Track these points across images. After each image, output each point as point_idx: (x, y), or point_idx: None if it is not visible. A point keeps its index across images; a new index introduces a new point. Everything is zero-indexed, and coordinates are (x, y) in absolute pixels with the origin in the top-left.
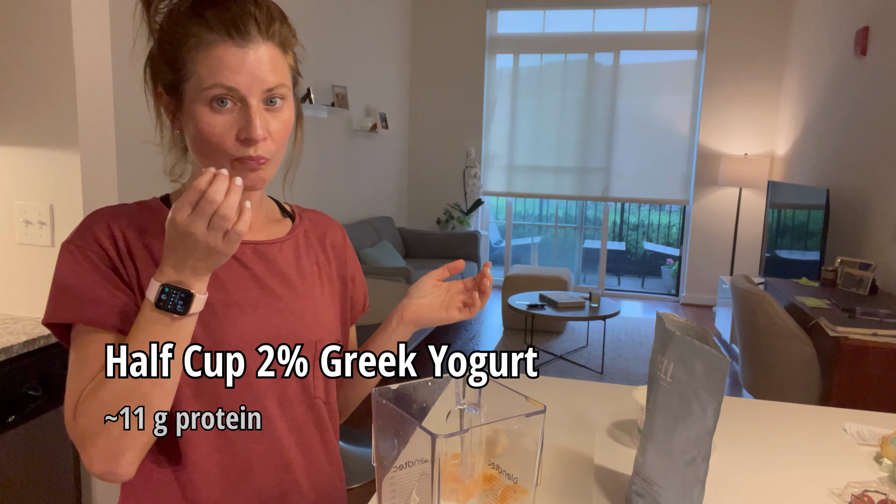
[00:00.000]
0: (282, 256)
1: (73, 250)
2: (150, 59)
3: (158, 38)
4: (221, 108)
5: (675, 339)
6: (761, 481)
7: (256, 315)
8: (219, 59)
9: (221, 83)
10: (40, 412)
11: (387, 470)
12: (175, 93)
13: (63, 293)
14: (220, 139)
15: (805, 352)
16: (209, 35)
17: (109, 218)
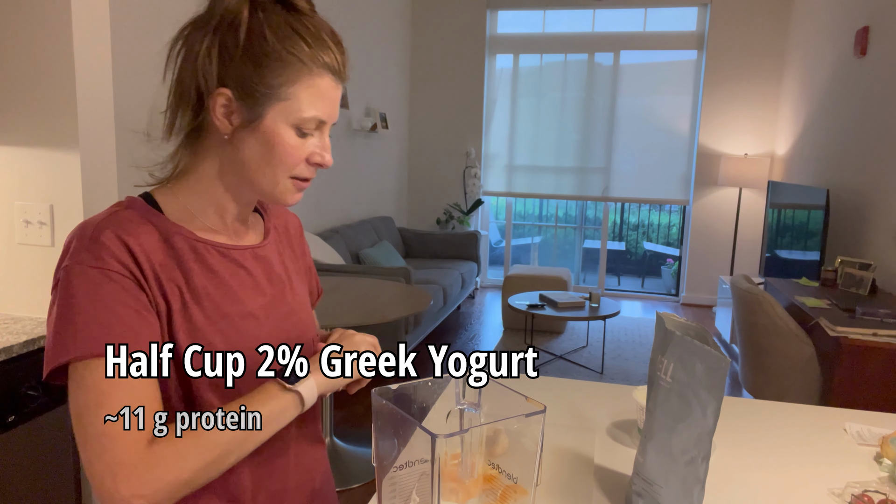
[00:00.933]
0: (272, 257)
1: (91, 273)
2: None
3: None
4: (306, 135)
5: (675, 339)
6: (761, 481)
7: (269, 323)
8: (323, 92)
9: (319, 117)
10: (40, 412)
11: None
12: (253, 104)
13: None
14: (298, 160)
15: (805, 352)
16: (317, 66)
17: (119, 232)
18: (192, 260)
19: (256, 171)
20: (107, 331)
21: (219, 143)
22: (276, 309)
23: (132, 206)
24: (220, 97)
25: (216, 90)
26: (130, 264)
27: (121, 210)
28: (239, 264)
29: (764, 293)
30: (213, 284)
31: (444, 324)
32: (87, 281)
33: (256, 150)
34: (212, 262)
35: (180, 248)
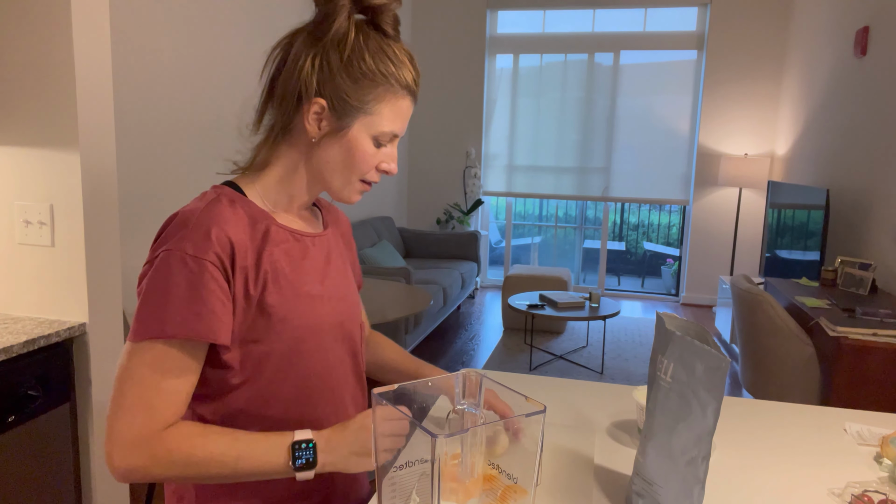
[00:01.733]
0: (332, 246)
1: (189, 261)
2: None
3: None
4: (381, 146)
5: (675, 339)
6: (761, 481)
7: (330, 304)
8: (402, 111)
9: (394, 132)
10: (40, 412)
11: (387, 470)
12: (343, 115)
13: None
14: (370, 166)
15: (805, 352)
16: (401, 87)
17: (223, 224)
18: (273, 243)
19: (334, 172)
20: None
21: (304, 143)
22: (335, 291)
23: (223, 193)
24: (316, 105)
25: (313, 98)
26: (226, 258)
27: (215, 200)
28: (308, 248)
29: (764, 293)
30: (289, 267)
31: (444, 324)
32: (186, 269)
33: (338, 155)
34: (288, 247)
35: (264, 231)
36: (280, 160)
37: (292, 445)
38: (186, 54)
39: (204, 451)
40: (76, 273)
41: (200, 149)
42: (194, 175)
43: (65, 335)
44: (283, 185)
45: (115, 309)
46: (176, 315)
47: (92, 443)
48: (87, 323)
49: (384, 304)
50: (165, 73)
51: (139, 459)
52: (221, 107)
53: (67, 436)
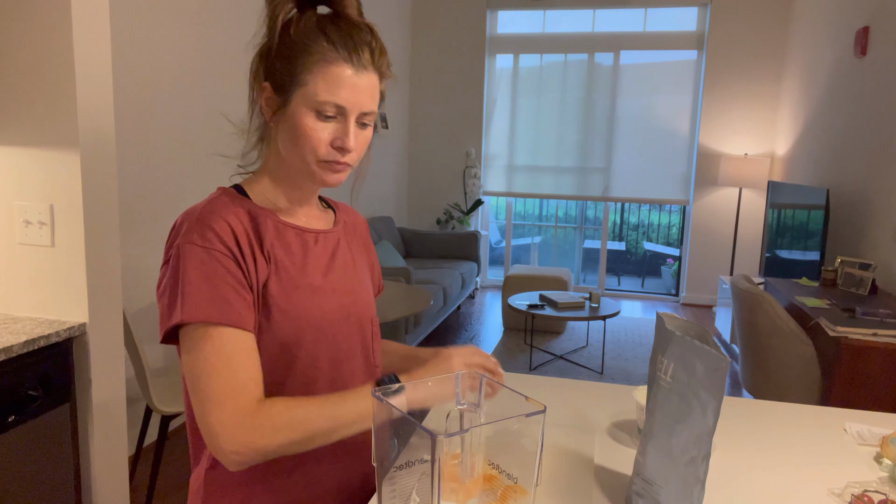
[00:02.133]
0: (339, 243)
1: (198, 251)
2: (265, 55)
3: (282, 40)
4: (326, 119)
5: (675, 339)
6: (761, 481)
7: (335, 298)
8: (336, 76)
9: (334, 101)
10: (40, 412)
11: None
12: (283, 92)
13: (199, 294)
14: (318, 143)
15: (805, 352)
16: (332, 53)
17: (225, 215)
18: (274, 238)
19: (291, 155)
20: (209, 301)
21: (274, 134)
22: (340, 286)
23: (225, 193)
24: (264, 90)
25: (262, 85)
26: (232, 244)
27: (216, 198)
28: (310, 244)
29: (764, 293)
30: (289, 259)
31: (444, 324)
32: (196, 258)
33: (288, 133)
34: (290, 241)
35: (265, 227)
36: (269, 158)
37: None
38: (187, 54)
39: (302, 410)
40: (76, 273)
41: (200, 149)
42: (194, 175)
43: (65, 335)
44: (277, 182)
45: (115, 309)
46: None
47: (92, 443)
48: (87, 323)
49: (384, 304)
50: (165, 73)
51: (245, 436)
52: (222, 107)
53: (67, 436)
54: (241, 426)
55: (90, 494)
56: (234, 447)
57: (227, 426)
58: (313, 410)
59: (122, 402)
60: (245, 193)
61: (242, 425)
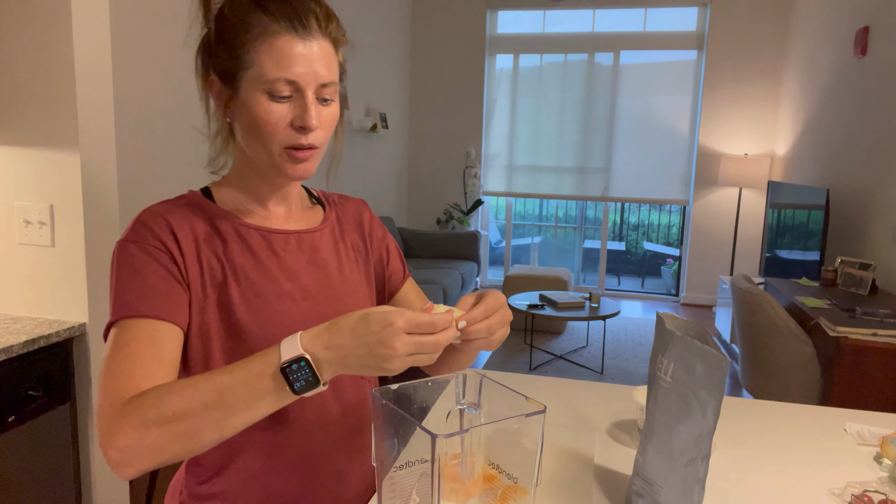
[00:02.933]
0: (322, 244)
1: (131, 247)
2: (205, 46)
3: (217, 25)
4: (280, 99)
5: (675, 339)
6: (761, 481)
7: (306, 304)
8: (282, 50)
9: (284, 77)
10: (40, 412)
11: (387, 470)
12: (230, 80)
13: (131, 290)
14: (276, 126)
15: (805, 352)
16: (273, 26)
17: (165, 214)
18: (234, 241)
19: (252, 147)
20: (137, 297)
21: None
22: (318, 291)
23: (188, 197)
24: (213, 84)
25: (209, 79)
26: (167, 240)
27: (176, 200)
28: (279, 247)
29: (764, 293)
30: (252, 264)
31: None
32: (127, 255)
33: (245, 124)
34: (252, 244)
35: (225, 230)
36: (236, 158)
37: (283, 371)
38: (186, 54)
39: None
40: (76, 273)
41: (200, 148)
42: (194, 175)
43: (65, 335)
44: (244, 182)
45: None
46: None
47: (92, 443)
48: (87, 323)
49: None
50: (165, 72)
51: (115, 432)
52: None
53: (67, 436)
54: (111, 417)
55: (90, 494)
56: (108, 447)
57: (101, 416)
58: (191, 399)
59: None
60: (211, 197)
61: (112, 415)
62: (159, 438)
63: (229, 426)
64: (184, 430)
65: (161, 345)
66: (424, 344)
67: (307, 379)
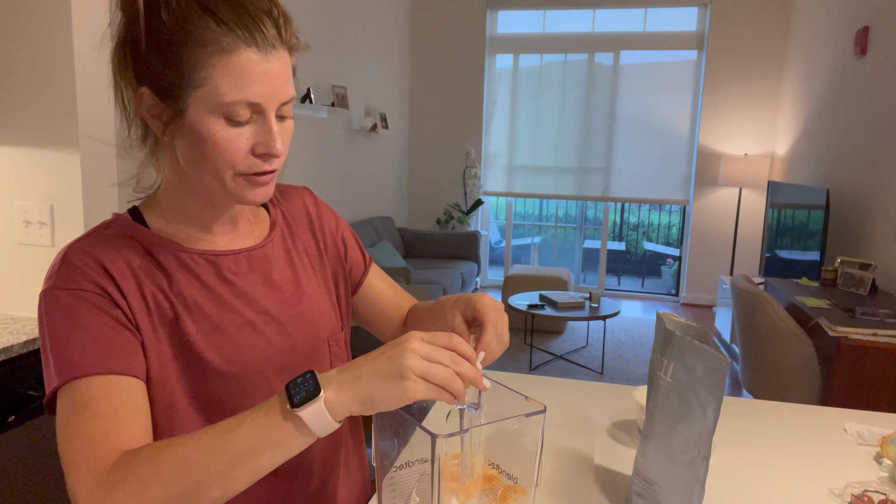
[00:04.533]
0: (275, 256)
1: (62, 295)
2: (131, 51)
3: (151, 28)
4: (240, 123)
5: (675, 339)
6: (761, 481)
7: (270, 330)
8: (241, 68)
9: (245, 99)
10: (40, 412)
11: (387, 470)
12: (171, 98)
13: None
14: (235, 154)
15: (805, 352)
16: (227, 38)
17: (92, 251)
18: (179, 272)
19: (199, 172)
20: (82, 353)
21: (169, 148)
22: (282, 313)
23: (115, 223)
24: (143, 98)
25: (138, 91)
26: (104, 281)
27: (101, 230)
28: (231, 271)
29: (764, 293)
30: (204, 295)
31: None
32: (60, 305)
33: (189, 149)
34: (200, 272)
35: (166, 260)
36: (168, 174)
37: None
38: None
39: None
40: None
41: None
42: None
43: None
44: (179, 202)
45: None
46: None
47: None
48: None
49: None
50: None
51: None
52: None
53: None
54: (96, 489)
55: None
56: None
57: (82, 491)
58: (192, 449)
59: None
60: (142, 219)
61: (98, 488)
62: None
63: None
64: (192, 490)
65: (126, 399)
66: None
67: (308, 390)
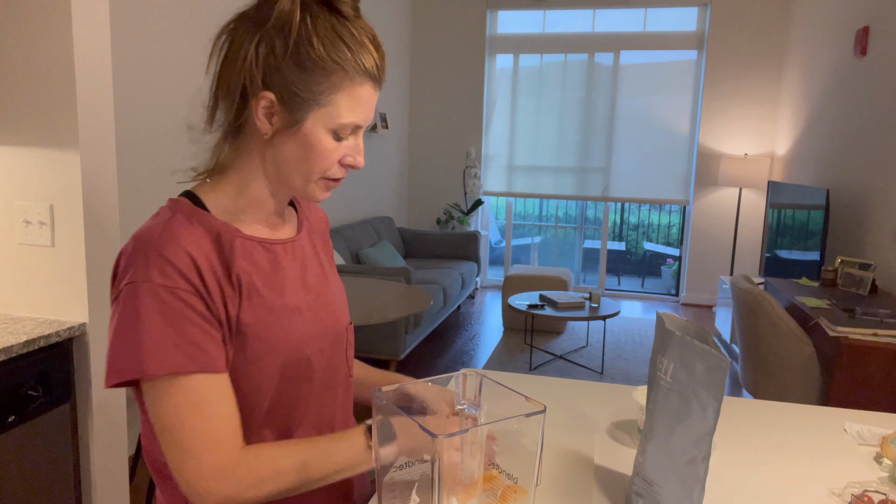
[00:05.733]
0: (307, 250)
1: (159, 290)
2: (266, 59)
3: (300, 52)
4: (342, 139)
5: (675, 339)
6: (761, 481)
7: (310, 315)
8: (360, 98)
9: (355, 122)
10: (40, 412)
11: (387, 470)
12: (294, 108)
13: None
14: (330, 163)
15: (805, 352)
16: (360, 76)
17: (182, 244)
18: (240, 257)
19: (292, 171)
20: (176, 348)
21: (259, 142)
22: (316, 301)
23: (181, 209)
24: (264, 99)
25: (260, 93)
26: (195, 278)
27: (171, 217)
28: (280, 258)
29: (764, 293)
30: (261, 280)
31: (444, 324)
32: (157, 300)
33: (294, 152)
34: (257, 259)
35: (228, 245)
36: (237, 163)
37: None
38: (187, 54)
39: (289, 460)
40: (76, 273)
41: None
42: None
43: (65, 335)
44: (245, 191)
45: None
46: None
47: (92, 443)
48: (87, 323)
49: (384, 304)
50: (165, 73)
51: (228, 489)
52: None
53: (67, 436)
54: (222, 480)
55: (90, 494)
56: (216, 501)
57: (207, 480)
58: (302, 459)
59: (122, 402)
60: (201, 203)
61: (223, 479)
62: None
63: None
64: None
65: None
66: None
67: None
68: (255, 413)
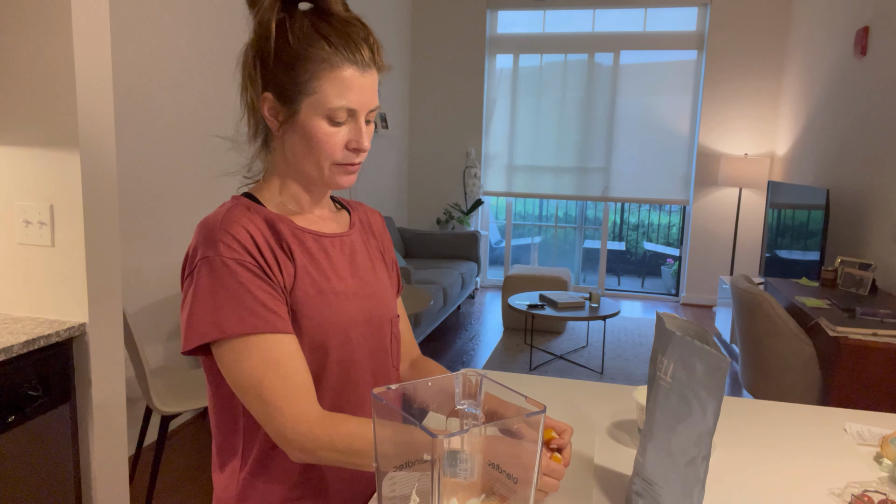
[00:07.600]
0: (357, 245)
1: (229, 262)
2: (261, 66)
3: (280, 48)
4: (339, 123)
5: (675, 339)
6: (761, 481)
7: (356, 301)
8: (344, 81)
9: (346, 105)
10: (40, 412)
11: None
12: (289, 102)
13: (240, 305)
14: (334, 148)
15: (805, 352)
16: (336, 58)
17: (244, 224)
18: (294, 243)
19: (303, 162)
20: (250, 311)
21: (279, 142)
22: (361, 289)
23: (239, 202)
24: (266, 101)
25: (262, 95)
26: (256, 254)
27: (232, 206)
28: (329, 249)
29: (764, 293)
30: (311, 263)
31: (444, 324)
32: (228, 271)
33: (299, 142)
34: (309, 246)
35: (284, 233)
36: (273, 166)
37: None
38: (187, 54)
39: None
40: (76, 273)
41: (201, 149)
42: (194, 175)
43: (65, 335)
44: (285, 189)
45: (115, 309)
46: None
47: (92, 443)
48: (87, 323)
49: None
50: (165, 73)
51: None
52: (222, 107)
53: (67, 436)
54: (305, 434)
55: (90, 494)
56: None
57: (291, 431)
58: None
59: (122, 402)
60: (258, 201)
61: (307, 433)
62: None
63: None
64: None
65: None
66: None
67: None
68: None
